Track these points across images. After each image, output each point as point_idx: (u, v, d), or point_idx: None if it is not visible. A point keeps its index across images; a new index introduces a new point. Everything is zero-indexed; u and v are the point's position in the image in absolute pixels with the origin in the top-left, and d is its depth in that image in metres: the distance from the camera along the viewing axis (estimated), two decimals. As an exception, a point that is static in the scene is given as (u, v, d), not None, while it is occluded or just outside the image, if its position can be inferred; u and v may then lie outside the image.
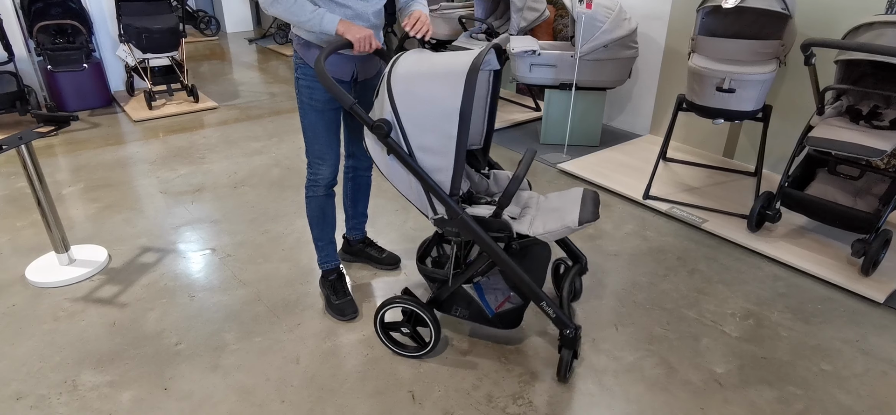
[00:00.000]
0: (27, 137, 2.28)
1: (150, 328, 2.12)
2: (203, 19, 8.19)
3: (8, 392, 1.82)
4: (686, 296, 2.31)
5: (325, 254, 2.22)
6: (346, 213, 2.41)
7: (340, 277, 2.26)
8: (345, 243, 2.51)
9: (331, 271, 2.24)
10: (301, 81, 1.95)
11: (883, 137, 2.29)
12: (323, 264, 2.24)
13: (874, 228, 2.32)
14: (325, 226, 2.17)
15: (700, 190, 3.17)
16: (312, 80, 1.91)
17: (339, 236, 2.38)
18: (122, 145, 3.95)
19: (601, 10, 3.45)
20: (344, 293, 2.21)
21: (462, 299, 1.92)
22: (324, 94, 1.94)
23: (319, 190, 2.09)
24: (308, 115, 1.98)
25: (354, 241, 2.48)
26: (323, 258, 2.23)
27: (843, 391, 1.84)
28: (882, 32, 2.31)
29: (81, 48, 4.35)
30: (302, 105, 1.99)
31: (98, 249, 2.61)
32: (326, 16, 1.76)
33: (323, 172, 2.06)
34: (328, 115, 1.98)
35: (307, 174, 2.10)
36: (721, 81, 2.66)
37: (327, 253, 2.22)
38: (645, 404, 1.78)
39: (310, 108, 1.96)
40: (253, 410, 1.75)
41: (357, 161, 2.26)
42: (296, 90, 2.00)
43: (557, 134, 3.90)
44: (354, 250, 2.50)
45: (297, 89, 1.99)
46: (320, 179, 2.07)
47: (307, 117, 1.99)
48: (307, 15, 1.75)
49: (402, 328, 1.96)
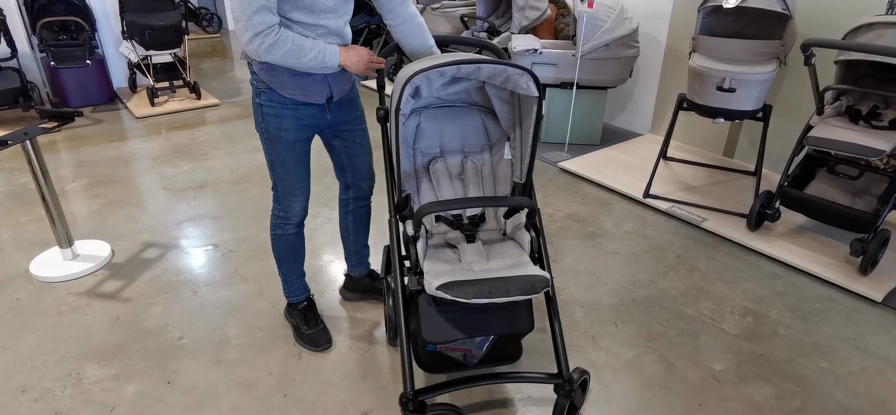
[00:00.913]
0: (31, 132, 2.30)
1: (153, 323, 2.13)
2: (205, 16, 8.20)
3: (13, 385, 1.84)
4: (685, 294, 2.33)
5: (295, 287, 2.03)
6: (347, 249, 2.15)
7: (311, 304, 2.07)
8: (347, 281, 2.25)
9: (301, 302, 2.06)
10: (265, 109, 1.68)
11: (882, 137, 2.31)
12: (293, 297, 2.05)
13: (873, 227, 2.33)
14: (295, 261, 1.98)
15: (700, 189, 3.19)
16: (280, 107, 1.67)
17: (340, 274, 2.28)
18: (125, 142, 3.97)
19: (603, 10, 3.47)
20: (316, 322, 2.03)
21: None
22: (295, 122, 1.70)
23: (290, 227, 1.88)
24: (277, 147, 1.72)
25: (359, 277, 2.22)
26: (293, 291, 2.04)
27: (841, 389, 1.85)
28: (882, 33, 2.32)
29: (84, 45, 4.37)
30: (268, 137, 1.72)
31: (101, 245, 2.63)
32: (328, 50, 1.58)
33: (295, 208, 1.84)
34: (299, 146, 1.75)
35: (274, 210, 1.86)
36: (721, 81, 2.67)
37: (298, 286, 2.04)
38: (644, 401, 1.80)
39: (278, 140, 1.71)
40: (255, 404, 1.77)
41: (356, 191, 2.01)
42: (256, 119, 1.72)
43: (558, 132, 3.91)
44: (360, 287, 2.24)
45: (260, 118, 1.70)
46: (292, 215, 1.85)
47: (275, 150, 1.73)
48: (309, 55, 1.55)
49: None
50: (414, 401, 1.54)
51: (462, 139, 1.85)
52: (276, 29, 1.49)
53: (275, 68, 1.62)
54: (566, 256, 2.59)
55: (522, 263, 1.60)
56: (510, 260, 1.63)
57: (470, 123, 1.85)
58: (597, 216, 2.96)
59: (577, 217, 2.95)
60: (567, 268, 2.50)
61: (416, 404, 1.55)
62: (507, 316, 1.59)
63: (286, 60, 1.53)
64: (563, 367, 1.61)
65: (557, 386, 1.64)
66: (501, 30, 4.54)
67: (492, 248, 1.71)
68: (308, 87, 1.68)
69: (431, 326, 1.56)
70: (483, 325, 1.58)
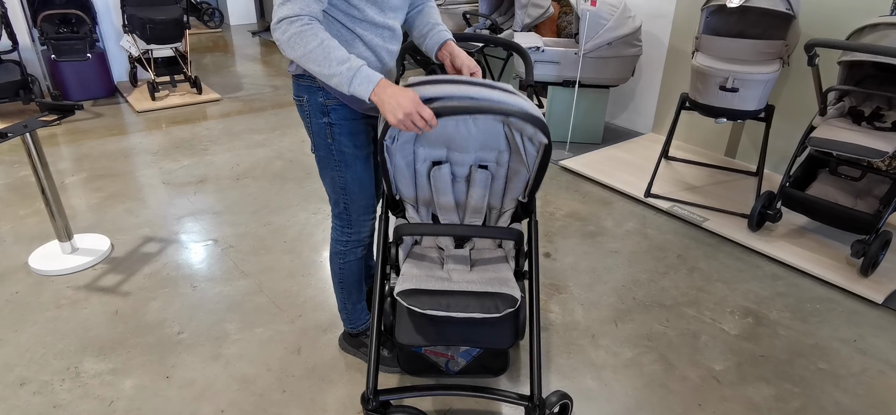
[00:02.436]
0: (32, 125, 2.29)
1: (152, 317, 2.13)
2: (207, 11, 8.19)
3: (11, 378, 1.83)
4: (686, 293, 2.32)
5: (358, 313, 1.85)
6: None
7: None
8: (346, 335, 1.96)
9: (368, 328, 1.87)
10: (336, 129, 1.47)
11: (884, 138, 2.30)
12: (354, 325, 1.87)
13: (874, 229, 2.32)
14: (361, 285, 1.80)
15: (701, 189, 3.18)
16: (354, 122, 1.48)
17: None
18: (125, 136, 3.96)
19: (606, 8, 3.45)
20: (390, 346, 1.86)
21: None
22: (367, 136, 1.52)
23: (361, 250, 1.70)
24: (352, 168, 1.53)
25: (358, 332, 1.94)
26: (357, 320, 1.86)
27: (840, 390, 1.85)
28: (886, 34, 2.31)
29: (85, 38, 4.36)
30: (341, 159, 1.52)
31: (101, 239, 2.62)
32: (362, 72, 1.27)
33: (367, 229, 1.67)
34: (372, 160, 1.59)
35: (341, 235, 1.67)
36: (724, 81, 2.66)
37: (360, 311, 1.85)
38: (643, 400, 1.79)
39: (354, 159, 1.52)
40: (254, 399, 1.76)
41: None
42: (318, 142, 1.51)
43: (560, 131, 3.90)
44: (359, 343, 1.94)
45: (329, 139, 1.49)
46: (365, 237, 1.67)
47: (350, 171, 1.54)
48: (334, 67, 1.26)
49: None
50: (375, 400, 1.51)
51: (479, 143, 1.57)
52: (306, 19, 1.25)
53: None
54: (566, 254, 2.58)
55: (502, 280, 1.49)
56: (491, 274, 1.53)
57: (490, 126, 1.53)
58: (598, 215, 2.95)
59: (578, 216, 2.94)
60: (567, 266, 2.49)
61: (377, 403, 1.52)
62: (488, 330, 1.47)
63: (305, 62, 1.28)
64: (536, 389, 1.50)
65: (527, 409, 1.52)
66: (504, 27, 4.52)
67: (481, 256, 1.64)
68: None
69: (404, 328, 1.48)
70: (458, 335, 1.49)
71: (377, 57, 1.46)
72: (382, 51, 1.46)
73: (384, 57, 1.48)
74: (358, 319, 1.87)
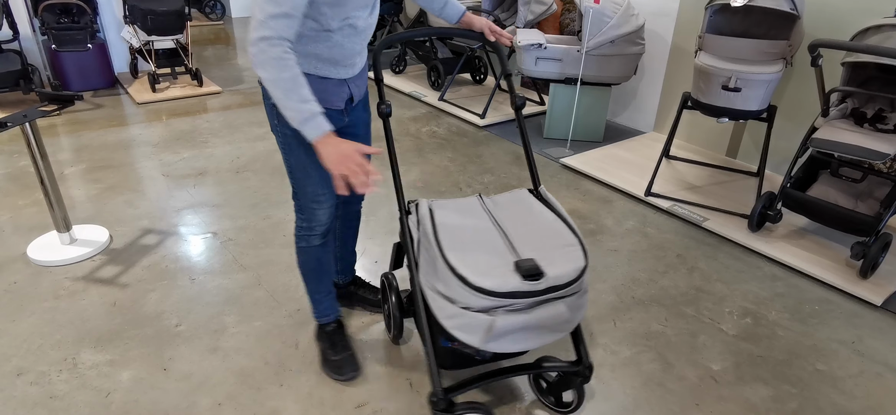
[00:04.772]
0: (31, 115, 2.28)
1: (150, 309, 2.13)
2: (208, 3, 8.16)
3: (8, 368, 1.83)
4: (685, 293, 2.32)
5: (323, 306, 1.89)
6: (335, 255, 2.04)
7: (340, 327, 1.93)
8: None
9: (329, 323, 1.92)
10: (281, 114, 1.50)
11: (886, 140, 2.29)
12: (321, 318, 1.91)
13: (874, 231, 2.32)
14: (322, 276, 1.83)
15: (702, 188, 3.17)
16: None
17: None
18: (125, 127, 3.96)
19: (609, 6, 3.44)
20: (344, 347, 1.88)
21: None
22: None
23: (315, 239, 1.73)
24: (295, 152, 1.58)
25: (344, 284, 2.12)
26: (322, 311, 1.90)
27: (838, 391, 1.85)
28: (890, 35, 2.30)
29: (86, 28, 4.35)
30: (285, 141, 1.58)
31: (99, 230, 2.62)
32: (316, 119, 1.32)
33: (320, 216, 1.69)
34: None
35: (297, 221, 1.72)
36: (727, 80, 2.65)
37: (326, 305, 1.89)
38: (641, 399, 1.79)
39: (297, 143, 1.55)
40: (251, 393, 1.76)
41: (350, 193, 1.89)
42: (271, 121, 1.59)
43: (561, 128, 3.89)
44: (344, 294, 2.13)
45: (275, 120, 1.56)
46: (317, 224, 1.70)
47: (294, 155, 1.59)
48: (294, 101, 1.31)
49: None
50: (444, 399, 1.51)
51: None
52: (287, 46, 1.31)
53: None
54: (566, 252, 2.58)
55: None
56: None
57: None
58: (598, 213, 2.94)
59: (578, 214, 2.94)
60: (566, 264, 2.49)
61: (446, 403, 1.51)
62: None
63: (270, 85, 1.31)
64: (584, 353, 1.61)
65: (577, 373, 1.63)
66: (507, 24, 4.51)
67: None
68: (327, 90, 1.53)
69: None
70: None
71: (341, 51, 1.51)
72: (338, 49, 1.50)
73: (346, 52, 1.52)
74: (320, 309, 1.90)
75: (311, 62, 1.49)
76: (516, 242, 1.52)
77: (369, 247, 2.57)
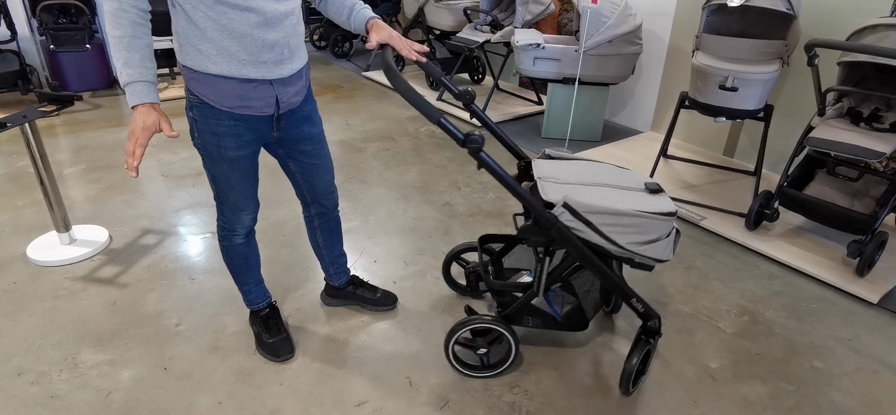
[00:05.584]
0: (31, 115, 2.29)
1: (150, 309, 2.13)
2: (206, 3, 8.15)
3: (9, 368, 1.84)
4: (682, 291, 2.33)
5: (253, 295, 1.93)
6: (322, 260, 2.04)
7: (274, 311, 1.97)
8: (328, 288, 2.14)
9: (262, 308, 1.96)
10: (200, 125, 1.48)
11: (882, 139, 2.31)
12: (253, 305, 1.95)
13: (870, 229, 2.33)
14: (250, 269, 1.86)
15: (700, 187, 3.19)
16: (217, 123, 1.47)
17: (321, 279, 2.22)
18: (124, 127, 3.96)
19: (607, 6, 3.45)
20: (278, 330, 1.92)
21: (533, 309, 1.84)
22: (235, 139, 1.50)
23: (238, 238, 1.75)
24: (217, 164, 1.54)
25: (341, 286, 2.11)
26: (252, 299, 1.93)
27: (834, 389, 1.86)
28: (886, 35, 2.31)
29: (84, 29, 4.35)
30: (206, 153, 1.53)
31: (99, 230, 2.62)
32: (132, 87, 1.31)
33: (243, 220, 1.70)
34: (243, 162, 1.56)
35: (219, 222, 1.72)
36: (724, 80, 2.67)
37: (256, 293, 1.93)
38: (639, 396, 1.80)
39: (218, 157, 1.52)
40: (251, 392, 1.77)
41: (321, 207, 1.87)
42: (192, 134, 1.53)
43: (559, 128, 3.90)
44: (343, 294, 2.13)
45: (197, 134, 1.50)
46: (239, 227, 1.71)
47: (216, 167, 1.55)
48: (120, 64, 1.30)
49: (480, 350, 1.82)
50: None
51: None
52: (130, 6, 1.29)
53: (208, 76, 1.40)
54: (564, 251, 2.59)
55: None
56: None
57: None
58: (596, 212, 2.95)
59: (576, 213, 2.94)
60: (565, 263, 2.50)
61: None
62: None
63: (111, 44, 1.31)
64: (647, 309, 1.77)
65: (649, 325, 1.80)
66: (505, 23, 4.52)
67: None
68: (249, 96, 1.44)
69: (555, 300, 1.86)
70: None
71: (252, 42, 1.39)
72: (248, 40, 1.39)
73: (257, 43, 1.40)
74: (250, 297, 1.94)
75: (228, 62, 1.39)
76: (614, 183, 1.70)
77: (369, 247, 2.58)
